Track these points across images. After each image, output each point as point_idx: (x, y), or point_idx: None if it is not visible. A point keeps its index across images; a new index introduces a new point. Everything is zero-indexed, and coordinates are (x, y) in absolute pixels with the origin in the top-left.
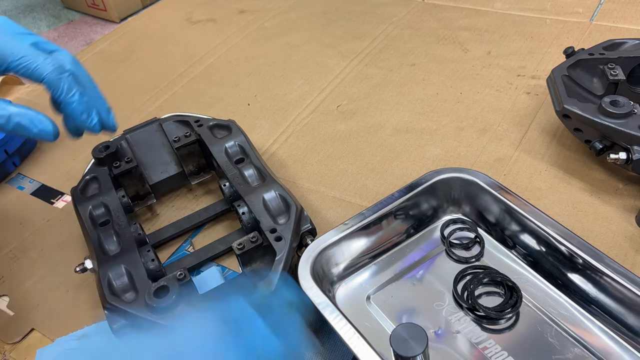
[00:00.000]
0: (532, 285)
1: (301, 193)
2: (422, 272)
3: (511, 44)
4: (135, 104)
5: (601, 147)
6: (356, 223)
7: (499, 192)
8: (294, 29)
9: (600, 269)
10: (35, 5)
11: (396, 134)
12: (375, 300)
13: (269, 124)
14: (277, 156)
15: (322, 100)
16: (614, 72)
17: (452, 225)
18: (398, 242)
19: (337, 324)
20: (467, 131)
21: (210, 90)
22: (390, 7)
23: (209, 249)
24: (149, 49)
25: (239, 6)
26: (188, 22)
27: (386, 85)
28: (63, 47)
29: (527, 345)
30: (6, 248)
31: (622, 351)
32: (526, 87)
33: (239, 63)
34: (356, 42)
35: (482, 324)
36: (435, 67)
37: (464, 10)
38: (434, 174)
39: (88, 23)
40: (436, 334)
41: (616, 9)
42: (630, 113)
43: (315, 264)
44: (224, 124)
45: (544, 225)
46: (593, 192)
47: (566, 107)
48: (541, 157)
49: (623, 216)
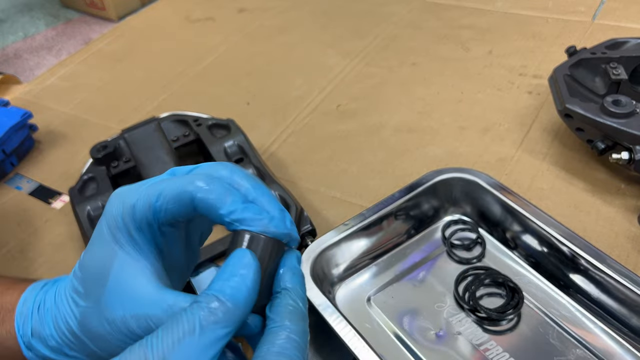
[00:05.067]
0: (533, 286)
1: (301, 193)
2: (423, 273)
3: (513, 43)
4: (133, 103)
5: (603, 147)
6: (356, 224)
7: (500, 192)
8: (294, 28)
9: (603, 270)
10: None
11: (397, 133)
12: (376, 302)
13: (269, 124)
14: (277, 156)
15: (322, 100)
16: (616, 71)
17: (453, 225)
18: (399, 242)
19: (337, 325)
20: (468, 131)
21: (209, 89)
22: (391, 6)
23: (208, 249)
24: (148, 48)
25: (238, 5)
26: (187, 21)
27: (387, 85)
28: (62, 47)
29: (528, 346)
30: (4, 248)
31: (624, 352)
32: (528, 86)
33: (238, 62)
34: (357, 41)
35: (483, 325)
36: (436, 67)
37: (466, 9)
38: (435, 174)
39: (86, 22)
40: (437, 336)
41: (618, 8)
42: (633, 112)
43: (315, 264)
44: (223, 123)
45: (545, 225)
46: (595, 193)
47: (568, 106)
48: (543, 157)
49: (625, 216)
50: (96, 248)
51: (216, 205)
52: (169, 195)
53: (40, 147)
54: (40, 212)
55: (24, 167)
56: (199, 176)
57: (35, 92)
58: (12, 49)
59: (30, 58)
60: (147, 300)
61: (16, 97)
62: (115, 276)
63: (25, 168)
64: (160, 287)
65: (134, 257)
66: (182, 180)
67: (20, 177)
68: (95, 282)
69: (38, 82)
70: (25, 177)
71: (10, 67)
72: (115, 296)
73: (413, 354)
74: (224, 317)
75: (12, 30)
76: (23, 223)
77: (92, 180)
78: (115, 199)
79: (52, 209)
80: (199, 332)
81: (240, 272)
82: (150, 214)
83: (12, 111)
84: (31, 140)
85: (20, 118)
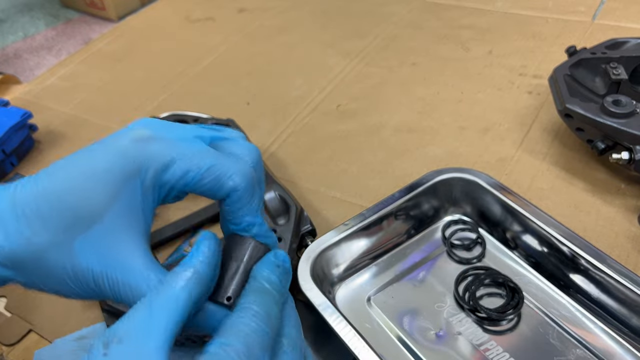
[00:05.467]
0: (533, 286)
1: (301, 193)
2: (423, 273)
3: (513, 43)
4: (133, 103)
5: (603, 147)
6: (356, 224)
7: (500, 192)
8: (294, 28)
9: (603, 270)
10: (34, 4)
11: (397, 133)
12: (376, 302)
13: (269, 124)
14: (277, 156)
15: (322, 100)
16: (616, 71)
17: (453, 225)
18: (399, 242)
19: (337, 325)
20: (468, 131)
21: (209, 89)
22: (391, 6)
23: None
24: (148, 48)
25: (238, 5)
26: (187, 20)
27: (387, 85)
28: (62, 47)
29: (528, 346)
30: None
31: (624, 352)
32: (528, 86)
33: (238, 62)
34: (357, 41)
35: (483, 325)
36: (436, 66)
37: (465, 9)
38: (435, 174)
39: (86, 22)
40: (437, 336)
41: (619, 8)
42: (633, 112)
43: (315, 265)
44: (223, 123)
45: (545, 225)
46: (595, 193)
47: (568, 106)
48: (543, 157)
49: (625, 216)
50: (93, 178)
51: (245, 209)
52: (213, 176)
53: (40, 147)
54: None
55: (24, 167)
56: (243, 170)
57: (35, 92)
58: (12, 49)
59: (30, 58)
60: (136, 269)
61: (16, 97)
62: (108, 225)
63: (25, 168)
64: (152, 261)
65: (136, 214)
66: (229, 166)
67: (20, 177)
68: (77, 217)
69: (38, 82)
70: (25, 177)
71: (10, 67)
72: (97, 245)
73: (413, 354)
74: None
75: (12, 30)
76: None
77: None
78: (143, 144)
79: None
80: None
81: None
82: (183, 181)
83: (12, 111)
84: (31, 140)
85: (20, 118)
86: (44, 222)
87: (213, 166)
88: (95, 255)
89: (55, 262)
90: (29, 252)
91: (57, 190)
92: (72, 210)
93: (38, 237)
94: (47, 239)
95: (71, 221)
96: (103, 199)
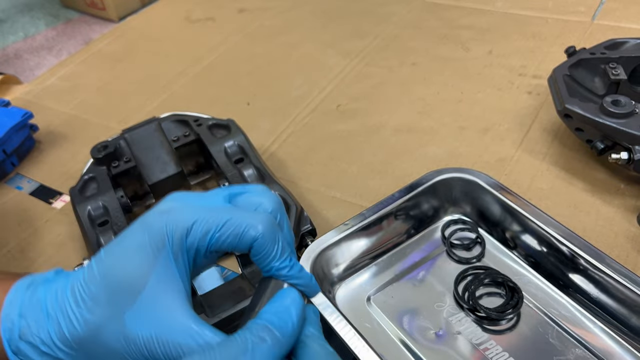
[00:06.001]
0: (533, 286)
1: (301, 193)
2: (422, 272)
3: (512, 43)
4: (133, 103)
5: (602, 147)
6: (356, 223)
7: (500, 192)
8: (294, 28)
9: (602, 270)
10: (34, 4)
11: (397, 133)
12: (376, 301)
13: (269, 124)
14: (277, 156)
15: (322, 100)
16: (616, 71)
17: (452, 225)
18: (398, 242)
19: (337, 325)
20: (468, 131)
21: (210, 89)
22: (391, 6)
23: None
24: (148, 48)
25: (238, 5)
26: (187, 21)
27: (387, 85)
28: (62, 47)
29: (528, 346)
30: (4, 248)
31: (623, 352)
32: (527, 86)
33: (238, 62)
34: (357, 41)
35: (483, 324)
36: (436, 67)
37: (465, 9)
38: (435, 174)
39: (87, 22)
40: (437, 335)
41: (618, 8)
42: (632, 113)
43: (315, 264)
44: (223, 123)
45: (545, 225)
46: (594, 193)
47: (567, 106)
48: (542, 157)
49: (625, 216)
50: (130, 256)
51: (272, 255)
52: (231, 230)
53: (40, 147)
54: (41, 212)
55: (25, 167)
56: (260, 219)
57: (36, 92)
58: (12, 49)
59: (30, 58)
60: (181, 328)
61: (16, 97)
62: (150, 294)
63: (25, 168)
64: (195, 318)
65: (172, 278)
66: (245, 218)
67: (21, 177)
68: (123, 293)
69: (38, 82)
70: (25, 177)
71: (10, 67)
72: (144, 314)
73: (413, 354)
74: (272, 345)
75: (12, 30)
76: (23, 223)
77: (93, 180)
78: (166, 215)
79: (52, 208)
80: (250, 354)
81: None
82: (205, 241)
83: (12, 111)
84: (32, 140)
85: (20, 118)
86: (95, 301)
87: (229, 220)
88: (144, 323)
89: (110, 336)
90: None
91: (103, 271)
92: (117, 286)
93: (93, 316)
94: (101, 314)
95: (118, 296)
96: (141, 271)
